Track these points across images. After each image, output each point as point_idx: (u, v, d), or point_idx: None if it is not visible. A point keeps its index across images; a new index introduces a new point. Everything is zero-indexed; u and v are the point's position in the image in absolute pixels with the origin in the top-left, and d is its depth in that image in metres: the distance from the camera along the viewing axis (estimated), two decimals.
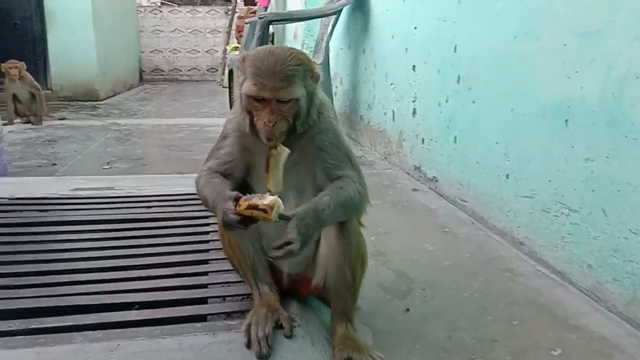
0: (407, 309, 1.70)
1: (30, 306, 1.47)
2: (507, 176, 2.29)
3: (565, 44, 1.93)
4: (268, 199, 1.17)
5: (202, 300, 1.60)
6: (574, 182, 1.89)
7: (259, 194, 1.20)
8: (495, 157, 2.38)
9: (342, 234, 1.34)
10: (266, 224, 1.27)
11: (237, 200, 1.20)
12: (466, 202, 2.65)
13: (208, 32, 12.39)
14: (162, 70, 12.27)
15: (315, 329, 1.44)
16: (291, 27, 7.11)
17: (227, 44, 10.50)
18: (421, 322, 1.63)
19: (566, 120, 1.93)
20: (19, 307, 1.47)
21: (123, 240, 2.04)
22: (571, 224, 1.90)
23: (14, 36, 6.98)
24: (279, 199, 1.18)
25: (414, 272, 1.97)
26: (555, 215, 1.99)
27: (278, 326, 1.36)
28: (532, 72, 2.12)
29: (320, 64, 4.28)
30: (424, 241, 2.27)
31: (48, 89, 7.13)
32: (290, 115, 1.25)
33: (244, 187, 1.39)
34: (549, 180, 2.02)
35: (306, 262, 1.46)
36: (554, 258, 2.00)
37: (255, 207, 1.17)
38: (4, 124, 4.79)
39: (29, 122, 5.11)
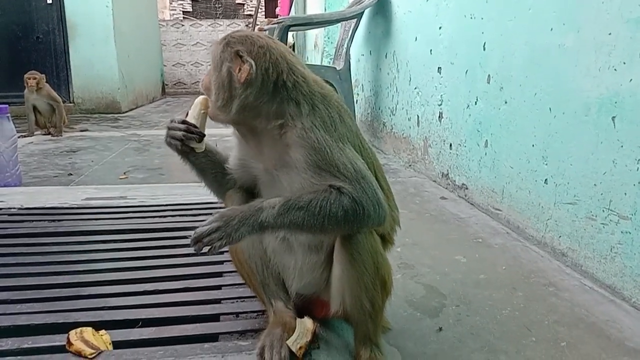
0: (440, 329, 1.52)
1: (24, 323, 1.35)
2: (545, 181, 2.10)
3: (610, 33, 1.75)
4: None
5: (214, 317, 1.46)
6: (623, 186, 1.70)
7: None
8: (532, 161, 2.19)
9: (352, 256, 1.15)
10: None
11: None
12: (500, 210, 2.46)
13: None
14: (184, 83, 12.33)
15: (337, 352, 1.28)
16: (311, 37, 7.03)
17: None
18: (456, 343, 1.45)
19: (613, 118, 1.74)
20: (13, 324, 1.35)
21: (133, 252, 1.93)
22: (621, 232, 1.71)
23: (37, 50, 7.04)
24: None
25: (445, 287, 1.79)
26: (602, 224, 1.79)
27: None
28: (572, 67, 1.94)
29: (340, 70, 4.16)
30: (455, 253, 2.09)
31: (70, 102, 7.17)
32: (210, 90, 1.21)
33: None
34: (594, 185, 1.83)
35: (316, 283, 1.29)
36: (602, 271, 1.80)
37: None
38: (24, 136, 4.81)
39: (49, 133, 5.09)
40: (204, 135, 1.27)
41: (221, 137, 1.71)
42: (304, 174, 1.12)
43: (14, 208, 2.44)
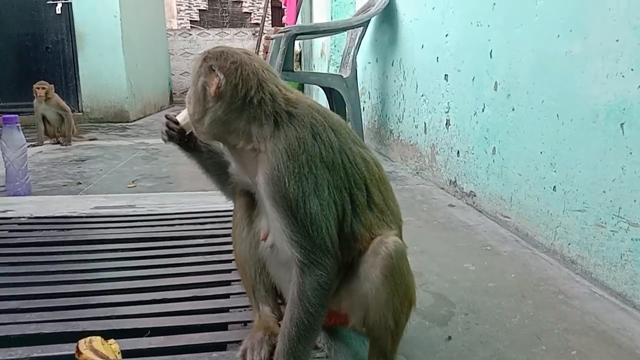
0: (449, 337, 1.51)
1: (34, 332, 1.36)
2: (554, 188, 2.09)
3: (617, 40, 1.74)
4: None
5: (222, 326, 1.46)
6: (633, 193, 1.69)
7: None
8: (540, 168, 2.18)
9: (386, 278, 1.11)
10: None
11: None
12: (508, 217, 2.45)
13: None
14: None
15: None
16: (318, 45, 7.06)
17: None
18: (465, 352, 1.44)
19: (622, 124, 1.73)
20: (23, 332, 1.36)
21: (142, 260, 1.94)
22: (632, 239, 1.69)
23: (46, 60, 7.12)
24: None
25: (454, 295, 1.78)
26: (612, 231, 1.78)
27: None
28: (580, 74, 1.94)
29: (346, 78, 4.17)
30: (463, 261, 2.08)
31: (79, 111, 7.24)
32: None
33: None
34: (604, 192, 1.82)
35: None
36: (612, 279, 1.78)
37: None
38: (33, 145, 4.85)
39: (58, 142, 5.14)
40: (184, 132, 1.32)
41: None
42: (266, 202, 1.12)
43: (24, 217, 2.46)
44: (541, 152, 2.18)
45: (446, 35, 3.13)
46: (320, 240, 1.09)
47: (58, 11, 6.99)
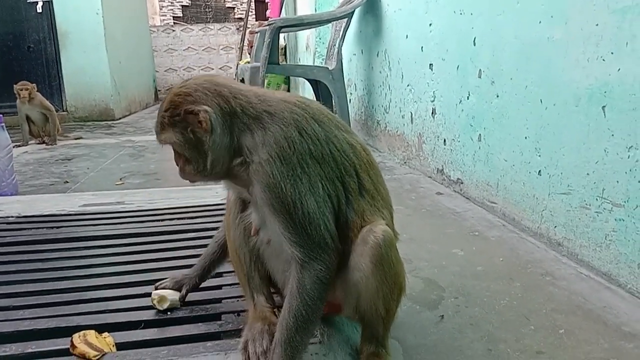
0: (442, 317, 1.54)
1: (28, 328, 1.36)
2: (539, 173, 2.13)
3: (597, 24, 1.77)
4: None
5: (216, 317, 1.47)
6: (616, 174, 1.72)
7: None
8: (525, 153, 2.22)
9: (375, 267, 1.13)
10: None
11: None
12: (495, 203, 2.48)
13: (221, 49, 12.46)
14: None
15: (339, 347, 1.30)
16: (303, 38, 7.05)
17: (240, 59, 10.50)
18: (456, 334, 1.47)
19: (603, 107, 1.77)
20: (17, 329, 1.36)
21: (133, 255, 1.94)
22: (615, 220, 1.73)
23: (29, 59, 7.03)
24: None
25: (444, 279, 1.81)
26: (596, 212, 1.82)
27: None
28: (562, 59, 1.97)
29: (332, 70, 4.18)
30: (452, 246, 2.11)
31: (64, 110, 7.16)
32: (184, 159, 1.18)
33: None
34: (587, 174, 1.86)
35: None
36: (597, 259, 1.82)
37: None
38: (18, 145, 4.80)
39: (43, 142, 5.08)
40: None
41: None
42: (264, 209, 1.13)
43: (12, 216, 2.44)
44: (526, 137, 2.21)
45: (430, 25, 3.15)
46: (319, 238, 1.11)
47: (39, 10, 6.91)
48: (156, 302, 1.46)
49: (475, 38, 2.61)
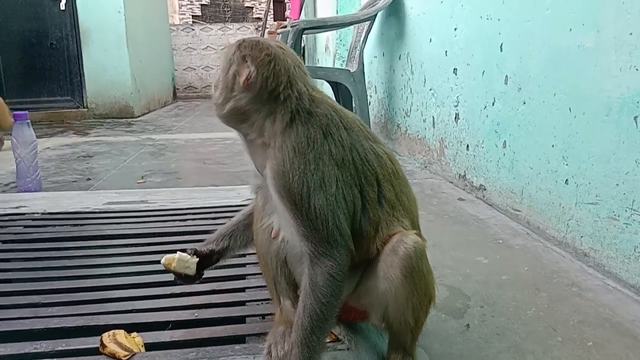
0: (468, 325, 1.53)
1: (57, 326, 1.37)
2: (566, 181, 2.10)
3: (631, 33, 1.74)
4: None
5: (240, 319, 1.47)
6: None
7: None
8: (552, 162, 2.19)
9: (406, 278, 1.12)
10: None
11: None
12: (519, 211, 2.46)
13: None
14: (195, 87, 12.43)
15: (366, 354, 1.29)
16: (322, 39, 7.05)
17: None
18: (482, 344, 1.45)
19: (635, 118, 1.74)
20: (46, 327, 1.37)
21: (157, 255, 1.94)
22: None
23: (51, 56, 7.12)
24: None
25: (468, 288, 1.80)
26: (625, 223, 1.79)
27: None
28: (592, 67, 1.94)
29: (354, 72, 4.17)
30: (476, 254, 2.09)
31: (84, 107, 7.26)
32: (218, 82, 1.21)
33: None
34: (617, 185, 1.83)
35: (346, 290, 1.28)
36: (625, 271, 1.79)
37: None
38: None
39: None
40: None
41: (235, 140, 1.73)
42: (274, 196, 1.13)
43: (37, 213, 2.47)
44: (553, 146, 2.18)
45: (455, 29, 3.13)
46: (327, 233, 1.09)
47: (62, 7, 7.00)
48: (167, 263, 1.39)
49: (502, 44, 2.58)
